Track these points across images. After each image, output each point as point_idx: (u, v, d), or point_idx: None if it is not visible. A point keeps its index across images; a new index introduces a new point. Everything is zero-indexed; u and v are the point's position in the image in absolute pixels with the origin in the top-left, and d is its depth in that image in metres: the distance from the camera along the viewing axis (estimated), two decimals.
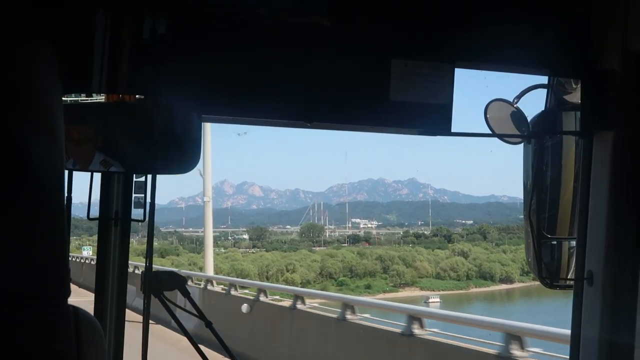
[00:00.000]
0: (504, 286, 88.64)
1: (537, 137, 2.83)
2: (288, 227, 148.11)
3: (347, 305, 15.86)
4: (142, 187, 2.68)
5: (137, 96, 2.50)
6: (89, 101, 2.41)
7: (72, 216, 2.63)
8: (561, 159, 2.95)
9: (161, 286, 2.61)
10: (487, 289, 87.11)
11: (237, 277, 59.36)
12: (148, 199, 2.67)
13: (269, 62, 2.51)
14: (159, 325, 15.42)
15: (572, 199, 2.90)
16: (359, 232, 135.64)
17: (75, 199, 2.62)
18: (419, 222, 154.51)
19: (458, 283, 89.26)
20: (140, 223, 2.75)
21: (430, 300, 75.46)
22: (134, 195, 2.74)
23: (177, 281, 2.65)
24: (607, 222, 2.68)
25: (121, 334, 2.78)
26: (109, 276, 2.75)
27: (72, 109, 2.32)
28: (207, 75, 2.47)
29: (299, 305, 17.83)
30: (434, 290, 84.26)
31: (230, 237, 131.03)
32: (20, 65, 1.13)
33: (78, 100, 2.41)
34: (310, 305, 18.26)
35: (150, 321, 2.72)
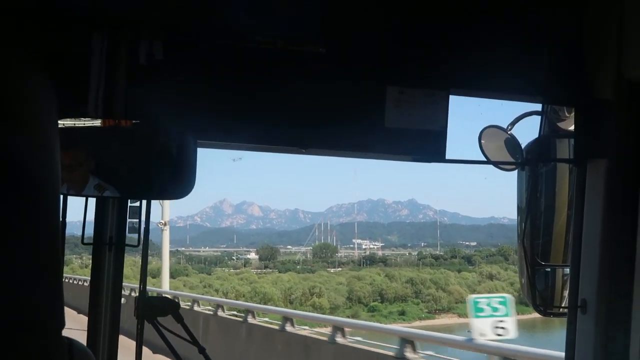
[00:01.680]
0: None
1: (531, 164, 2.84)
2: (298, 247, 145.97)
3: (406, 341, 13.24)
4: (136, 212, 2.68)
5: (132, 121, 2.50)
6: (84, 125, 2.42)
7: (73, 235, 2.63)
8: (555, 186, 2.95)
9: (154, 311, 2.60)
10: (529, 316, 75.73)
11: (261, 302, 56.47)
12: (142, 224, 2.67)
13: (264, 88, 2.53)
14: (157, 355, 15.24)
15: (565, 226, 2.90)
16: (367, 252, 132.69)
17: (74, 218, 2.63)
18: (422, 243, 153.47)
19: None
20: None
21: None
22: (128, 220, 2.73)
23: (170, 306, 2.64)
24: (601, 249, 2.68)
25: (114, 359, 2.77)
26: (103, 302, 2.74)
27: (67, 134, 2.32)
28: (202, 101, 2.48)
29: (339, 339, 15.22)
30: None
31: (234, 257, 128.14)
32: (16, 88, 1.12)
33: (73, 124, 2.42)
34: (352, 339, 15.60)
35: (146, 347, 2.71)
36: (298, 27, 2.54)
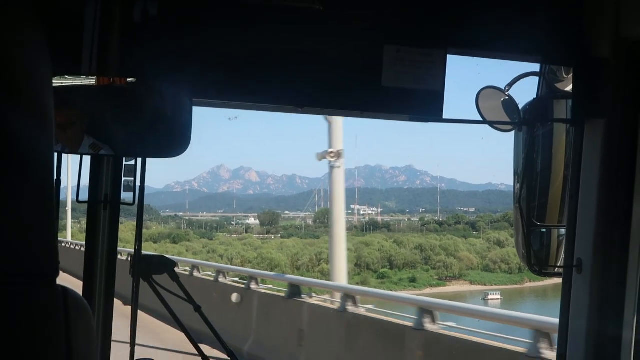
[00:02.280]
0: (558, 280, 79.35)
1: (528, 124, 2.83)
2: (296, 212, 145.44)
3: (425, 310, 11.99)
4: (131, 171, 2.68)
5: (127, 79, 2.48)
6: (79, 84, 2.40)
7: (71, 200, 2.64)
8: (552, 147, 2.95)
9: (150, 270, 2.61)
10: (542, 283, 72.53)
11: (267, 269, 54.81)
12: (138, 183, 2.67)
13: (260, 46, 2.51)
14: (148, 316, 14.90)
15: (562, 187, 2.90)
16: (366, 218, 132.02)
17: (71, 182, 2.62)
18: (420, 209, 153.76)
19: (511, 277, 79.68)
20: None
21: (489, 297, 65.27)
22: (123, 178, 2.73)
23: (166, 265, 2.65)
24: (597, 210, 2.68)
25: (110, 316, 2.78)
26: (98, 259, 2.75)
27: (62, 92, 2.31)
28: (198, 59, 2.47)
29: (350, 307, 13.80)
30: (484, 285, 73.95)
31: (233, 222, 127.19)
32: (9, 46, 1.12)
33: (67, 83, 2.40)
34: (365, 307, 14.08)
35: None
36: None
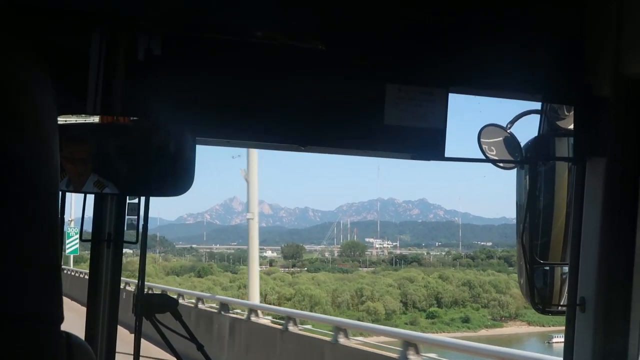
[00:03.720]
0: None
1: (530, 162, 2.83)
2: (310, 245, 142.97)
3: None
4: (135, 209, 2.69)
5: (131, 118, 2.51)
6: (83, 122, 2.42)
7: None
8: (554, 185, 2.95)
9: (153, 309, 2.61)
10: None
11: (309, 306, 50.61)
12: (141, 221, 2.67)
13: (263, 85, 2.53)
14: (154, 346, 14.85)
15: (564, 224, 2.89)
16: (384, 252, 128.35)
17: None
18: (437, 243, 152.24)
19: None
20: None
21: (554, 340, 52.79)
22: (127, 217, 2.74)
23: (168, 303, 2.65)
24: (600, 248, 2.67)
25: (112, 355, 2.77)
26: (101, 298, 2.75)
27: (67, 130, 2.33)
28: (201, 97, 2.48)
29: (412, 357, 12.07)
30: (543, 326, 63.45)
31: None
32: (15, 83, 1.12)
33: (72, 120, 2.42)
34: (426, 356, 12.51)
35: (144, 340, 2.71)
36: (297, 23, 2.54)
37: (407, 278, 73.86)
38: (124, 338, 2.88)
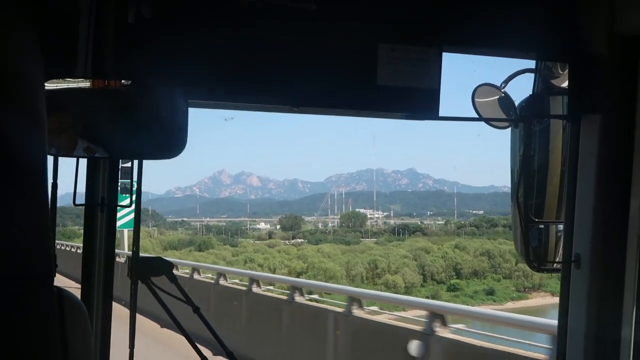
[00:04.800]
0: None
1: (525, 121, 2.83)
2: (313, 216, 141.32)
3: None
4: (128, 173, 2.67)
5: (122, 81, 2.48)
6: (73, 87, 2.40)
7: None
8: (549, 143, 2.95)
9: (148, 272, 2.61)
10: None
11: (327, 281, 46.23)
12: (135, 185, 2.66)
13: (254, 46, 2.51)
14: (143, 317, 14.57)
15: (559, 182, 2.90)
16: (377, 222, 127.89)
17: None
18: (428, 212, 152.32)
19: None
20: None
21: None
22: (120, 181, 2.73)
23: (163, 267, 2.64)
24: (594, 205, 2.68)
25: (108, 319, 2.77)
26: (96, 262, 2.74)
27: (55, 96, 2.30)
28: (192, 61, 2.47)
29: (439, 329, 10.86)
30: None
31: (244, 227, 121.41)
32: (1, 48, 1.11)
33: (62, 85, 2.40)
34: (454, 328, 11.16)
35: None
36: None
37: (422, 249, 68.43)
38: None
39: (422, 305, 12.86)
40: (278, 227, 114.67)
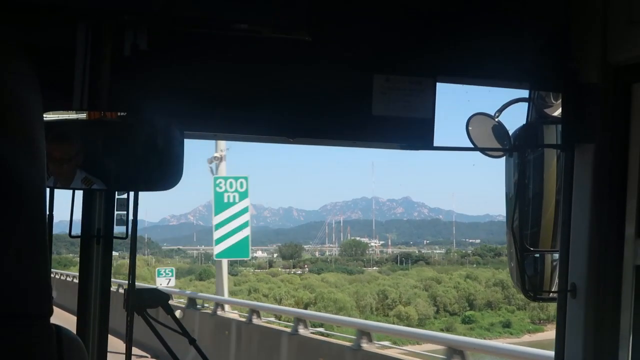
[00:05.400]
0: None
1: (519, 150, 2.84)
2: (309, 245, 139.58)
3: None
4: (124, 204, 2.67)
5: (118, 113, 2.49)
6: (70, 118, 2.40)
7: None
8: (543, 172, 2.96)
9: (144, 304, 2.59)
10: None
11: (337, 312, 44.67)
12: (130, 216, 2.66)
13: (250, 77, 2.52)
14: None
15: (554, 211, 2.90)
16: (375, 251, 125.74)
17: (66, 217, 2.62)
18: (425, 241, 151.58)
19: None
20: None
21: None
22: (116, 212, 2.72)
23: (159, 298, 2.63)
24: (590, 234, 2.68)
25: (104, 352, 2.74)
26: (92, 294, 2.72)
27: (54, 127, 2.31)
28: (189, 91, 2.48)
29: None
30: None
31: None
32: (1, 81, 1.12)
33: (59, 117, 2.40)
34: None
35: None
36: (283, 15, 2.53)
37: (433, 278, 65.90)
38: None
39: (440, 339, 12.18)
40: (276, 255, 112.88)
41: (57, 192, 2.45)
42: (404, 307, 58.23)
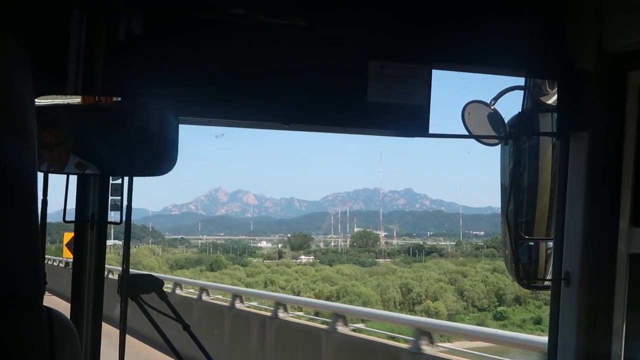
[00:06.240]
0: None
1: (514, 138, 2.83)
2: (317, 235, 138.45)
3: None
4: (118, 190, 2.67)
5: (113, 98, 2.49)
6: (64, 103, 2.40)
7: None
8: (538, 160, 2.96)
9: (138, 289, 2.60)
10: None
11: (363, 305, 41.84)
12: (125, 202, 2.65)
13: (245, 63, 2.52)
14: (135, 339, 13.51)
15: (549, 199, 2.90)
16: (382, 242, 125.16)
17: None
18: (428, 233, 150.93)
19: None
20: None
21: None
22: (110, 197, 2.72)
23: (154, 284, 2.63)
24: (584, 222, 2.68)
25: (98, 338, 2.75)
26: (86, 279, 2.73)
27: (46, 112, 2.30)
28: (183, 77, 2.47)
29: None
30: None
31: (251, 246, 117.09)
32: None
33: (53, 102, 2.40)
34: None
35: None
36: (278, 1, 2.53)
37: (458, 272, 61.45)
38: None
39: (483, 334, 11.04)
40: (280, 245, 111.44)
41: (54, 181, 2.45)
42: (432, 302, 54.74)
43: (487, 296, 57.70)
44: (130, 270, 2.67)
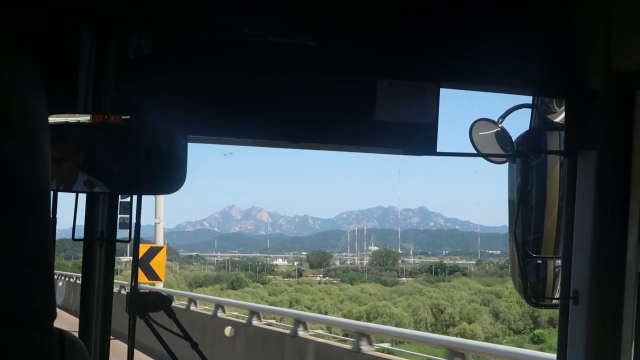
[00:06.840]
0: None
1: (522, 156, 2.83)
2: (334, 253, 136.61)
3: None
4: (127, 208, 2.68)
5: (122, 116, 2.51)
6: (74, 121, 2.42)
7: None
8: (546, 178, 2.95)
9: (146, 307, 2.60)
10: None
11: (396, 327, 36.59)
12: (134, 220, 2.67)
13: (254, 81, 2.53)
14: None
15: (557, 217, 2.89)
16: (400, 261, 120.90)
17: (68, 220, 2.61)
18: (444, 252, 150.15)
19: None
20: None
21: None
22: (119, 216, 2.73)
23: (162, 302, 2.64)
24: (592, 241, 2.67)
25: (106, 355, 2.76)
26: (94, 297, 2.74)
27: (57, 129, 2.32)
28: (192, 95, 2.49)
29: None
30: None
31: (267, 263, 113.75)
32: (5, 83, 1.12)
33: (63, 120, 2.42)
34: None
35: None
36: (287, 20, 2.54)
37: (494, 293, 58.33)
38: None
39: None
40: (296, 263, 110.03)
41: (64, 198, 2.47)
42: (469, 324, 50.61)
43: (523, 318, 54.42)
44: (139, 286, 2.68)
